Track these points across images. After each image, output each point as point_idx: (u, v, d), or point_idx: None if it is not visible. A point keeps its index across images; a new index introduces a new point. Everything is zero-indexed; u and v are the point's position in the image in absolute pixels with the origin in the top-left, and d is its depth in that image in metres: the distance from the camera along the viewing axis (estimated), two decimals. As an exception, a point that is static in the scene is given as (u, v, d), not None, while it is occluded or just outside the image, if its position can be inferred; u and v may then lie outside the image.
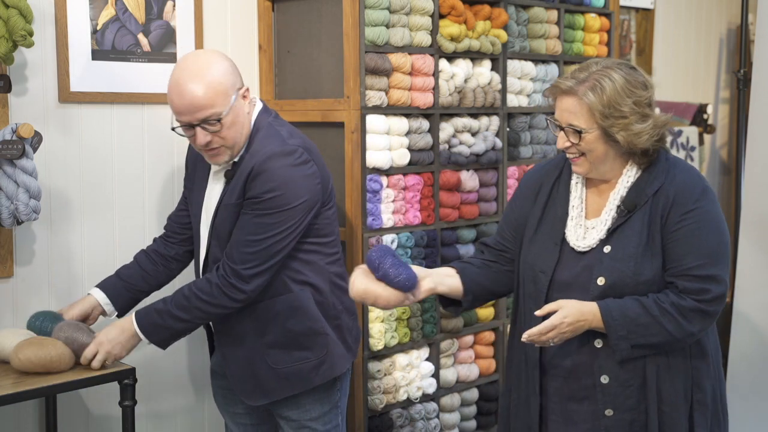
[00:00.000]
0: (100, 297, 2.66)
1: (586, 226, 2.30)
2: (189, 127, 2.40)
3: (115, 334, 2.49)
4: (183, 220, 2.74)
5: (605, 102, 2.18)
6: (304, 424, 2.60)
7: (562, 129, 2.25)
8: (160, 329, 2.48)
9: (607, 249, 2.23)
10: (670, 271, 2.20)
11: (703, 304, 2.16)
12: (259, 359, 2.53)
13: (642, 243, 2.21)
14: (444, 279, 2.37)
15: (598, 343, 2.23)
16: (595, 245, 2.26)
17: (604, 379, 2.23)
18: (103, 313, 2.68)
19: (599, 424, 2.25)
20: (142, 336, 2.49)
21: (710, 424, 2.29)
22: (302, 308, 2.52)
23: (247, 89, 2.47)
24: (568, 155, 2.29)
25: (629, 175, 2.28)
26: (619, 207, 2.27)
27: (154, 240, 2.81)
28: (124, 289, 2.68)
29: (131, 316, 2.52)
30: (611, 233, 2.25)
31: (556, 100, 2.28)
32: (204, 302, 2.43)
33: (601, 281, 2.21)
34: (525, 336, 2.16)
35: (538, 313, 2.18)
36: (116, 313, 2.69)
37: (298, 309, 2.52)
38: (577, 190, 2.35)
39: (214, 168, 2.56)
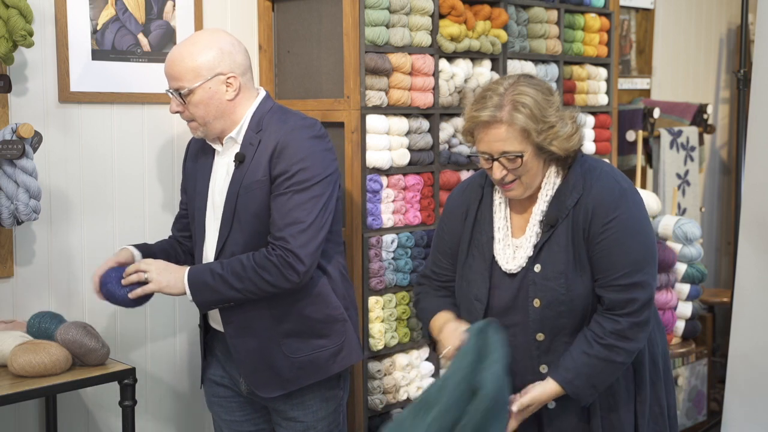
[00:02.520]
0: (136, 255, 2.60)
1: (515, 245, 2.29)
2: (168, 91, 2.50)
3: (164, 270, 2.44)
4: (184, 228, 2.75)
5: (535, 118, 2.15)
6: (310, 425, 2.58)
7: (494, 160, 2.20)
8: (208, 290, 2.40)
9: (537, 268, 2.23)
10: (598, 281, 2.21)
11: (634, 317, 2.18)
12: (275, 349, 2.49)
13: (570, 259, 2.21)
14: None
15: (543, 369, 2.24)
16: (524, 264, 2.25)
17: (551, 405, 2.25)
18: None
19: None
20: (188, 290, 2.41)
21: (651, 398, 2.33)
22: (322, 295, 2.51)
23: (233, 77, 2.46)
24: (502, 185, 2.25)
25: (548, 187, 2.27)
26: (541, 222, 2.25)
27: (168, 239, 2.80)
28: (146, 246, 2.68)
29: (183, 269, 2.44)
30: (539, 251, 2.24)
31: (476, 134, 2.23)
32: (260, 277, 2.38)
33: (536, 303, 2.22)
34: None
35: (513, 408, 2.19)
36: None
37: (318, 296, 2.50)
38: (501, 210, 2.34)
39: (218, 154, 2.55)
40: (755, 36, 4.01)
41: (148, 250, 2.64)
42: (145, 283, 2.43)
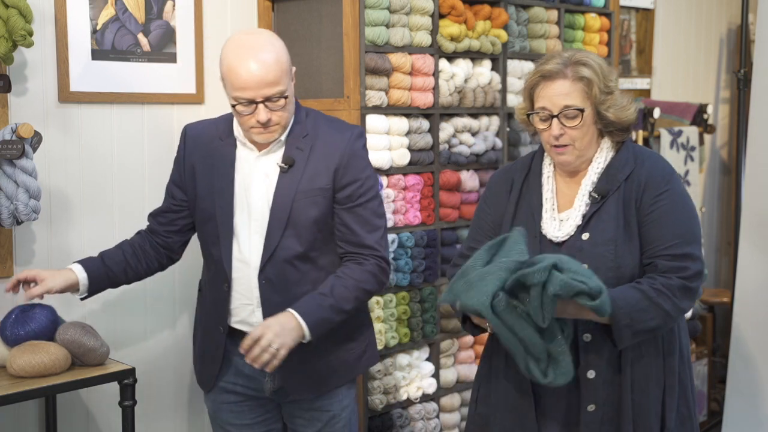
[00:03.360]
0: (81, 277, 2.48)
1: (560, 219, 2.31)
2: (250, 103, 2.34)
3: (281, 330, 2.32)
4: (169, 222, 2.61)
5: (598, 76, 2.24)
6: (336, 414, 2.58)
7: (553, 117, 2.25)
8: (326, 324, 2.39)
9: (585, 236, 2.25)
10: (648, 252, 2.22)
11: (686, 281, 2.20)
12: (312, 353, 2.46)
13: (619, 227, 2.23)
14: None
15: (587, 338, 2.23)
16: (573, 232, 2.27)
17: (591, 374, 2.23)
18: (74, 291, 2.51)
19: (576, 419, 2.25)
20: (307, 331, 2.35)
21: (679, 398, 2.32)
22: None
23: (295, 70, 2.46)
24: (554, 147, 2.28)
25: (600, 161, 2.31)
26: (591, 194, 2.28)
27: (139, 233, 2.65)
28: (105, 276, 2.53)
29: (292, 313, 2.35)
30: (587, 221, 2.26)
31: (537, 91, 2.29)
32: (363, 290, 2.43)
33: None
34: None
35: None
36: (83, 296, 2.53)
37: None
38: (549, 184, 2.36)
39: (256, 157, 2.46)
40: (755, 36, 4.01)
41: (97, 268, 2.51)
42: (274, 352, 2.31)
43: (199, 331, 2.66)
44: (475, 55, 3.41)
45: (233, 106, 2.37)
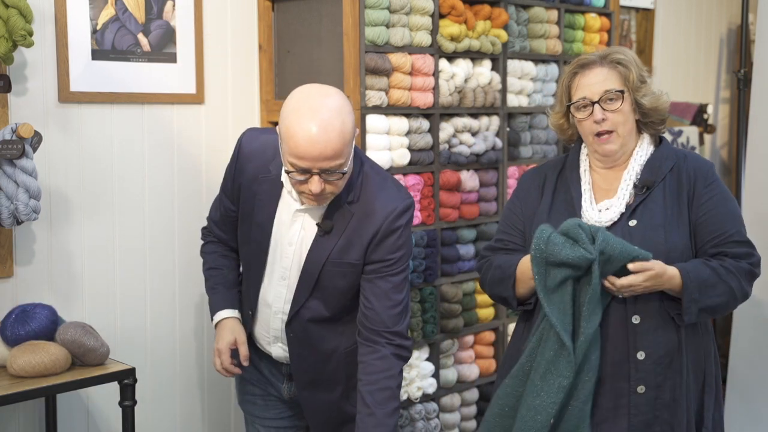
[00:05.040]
0: (238, 316, 2.52)
1: (598, 208, 2.34)
2: (304, 172, 2.18)
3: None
4: (234, 229, 2.54)
5: (634, 65, 2.31)
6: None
7: (594, 103, 2.30)
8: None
9: (633, 222, 2.28)
10: (714, 241, 2.26)
11: (753, 267, 2.26)
12: (344, 402, 2.49)
13: (668, 215, 2.27)
14: None
15: (636, 320, 2.24)
16: (617, 219, 2.29)
17: (640, 356, 2.23)
18: None
19: (625, 402, 2.25)
20: None
21: (714, 402, 2.35)
22: None
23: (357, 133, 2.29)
24: (598, 137, 2.32)
25: (641, 154, 2.36)
26: (635, 185, 2.32)
27: (213, 243, 2.61)
28: (238, 296, 2.56)
29: None
30: (633, 210, 2.29)
31: (575, 83, 2.35)
32: (391, 377, 2.34)
33: None
34: (607, 283, 2.17)
35: (631, 267, 2.15)
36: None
37: None
38: (585, 176, 2.41)
39: (297, 210, 2.35)
40: (755, 36, 4.01)
41: (237, 302, 2.53)
42: None
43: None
44: (475, 55, 3.41)
45: (287, 171, 2.21)
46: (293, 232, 2.37)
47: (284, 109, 2.21)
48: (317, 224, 2.34)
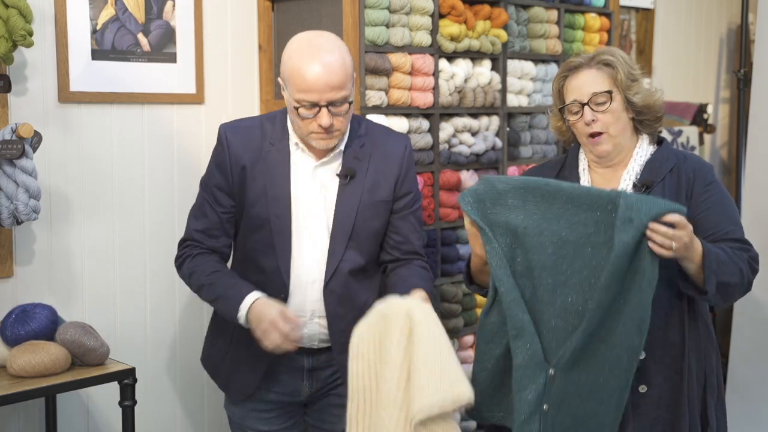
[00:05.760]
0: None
1: None
2: (313, 106, 2.28)
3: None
4: (225, 234, 2.46)
5: (623, 65, 2.32)
6: None
7: (584, 105, 2.31)
8: None
9: None
10: (710, 238, 2.26)
11: (752, 261, 2.26)
12: None
13: None
14: None
15: None
16: None
17: (642, 355, 2.22)
18: None
19: (628, 401, 2.23)
20: None
21: (717, 402, 2.35)
22: None
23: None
24: (590, 138, 2.33)
25: (641, 153, 2.37)
26: (635, 185, 2.33)
27: (203, 255, 2.44)
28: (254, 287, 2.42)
29: None
30: None
31: (566, 86, 2.37)
32: (429, 279, 2.50)
33: None
34: (651, 226, 2.04)
35: (673, 218, 2.04)
36: None
37: None
38: (584, 175, 2.42)
39: (313, 167, 2.39)
40: (755, 36, 4.01)
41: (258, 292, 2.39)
42: None
43: (231, 342, 2.52)
44: (475, 55, 3.41)
45: (296, 108, 2.29)
46: (315, 191, 2.41)
47: (285, 54, 2.32)
48: (337, 175, 2.40)
